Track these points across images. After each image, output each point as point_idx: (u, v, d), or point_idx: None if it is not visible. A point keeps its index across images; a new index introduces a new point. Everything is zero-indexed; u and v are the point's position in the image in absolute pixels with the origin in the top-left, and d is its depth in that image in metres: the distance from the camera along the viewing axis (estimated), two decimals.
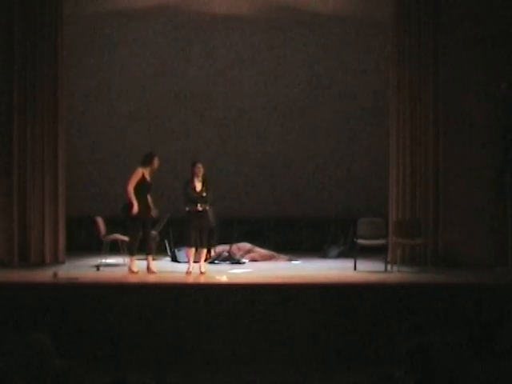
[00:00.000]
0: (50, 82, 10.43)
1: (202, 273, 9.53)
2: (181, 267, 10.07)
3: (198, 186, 9.60)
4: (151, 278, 9.28)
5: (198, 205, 9.52)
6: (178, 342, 7.94)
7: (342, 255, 11.48)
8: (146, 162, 9.64)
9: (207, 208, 9.61)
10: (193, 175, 9.63)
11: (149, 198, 9.65)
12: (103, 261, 10.29)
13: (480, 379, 4.17)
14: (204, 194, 9.57)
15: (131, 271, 9.48)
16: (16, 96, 10.33)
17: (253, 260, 11.22)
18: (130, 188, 9.45)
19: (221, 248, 11.17)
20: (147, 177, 9.60)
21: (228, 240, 11.38)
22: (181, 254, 10.79)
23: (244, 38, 12.73)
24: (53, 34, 10.44)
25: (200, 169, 9.62)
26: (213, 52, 12.75)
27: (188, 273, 9.52)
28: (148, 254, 9.63)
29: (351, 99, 12.71)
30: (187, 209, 9.55)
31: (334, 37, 12.65)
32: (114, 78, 12.65)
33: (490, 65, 10.16)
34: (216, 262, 10.84)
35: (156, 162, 9.65)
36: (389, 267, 9.76)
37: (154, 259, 9.87)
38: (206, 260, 9.95)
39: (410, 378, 3.94)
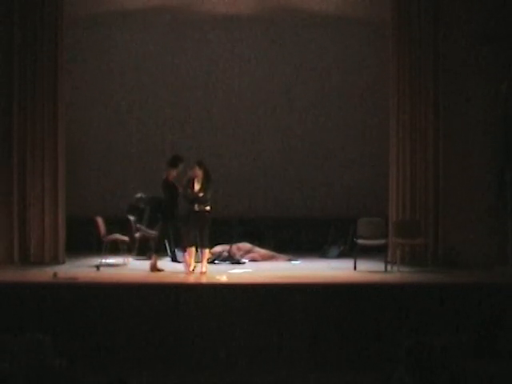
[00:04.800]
0: (49, 82, 10.43)
1: (202, 273, 9.54)
2: (181, 267, 10.07)
3: (196, 186, 9.66)
4: (151, 278, 9.27)
5: (195, 205, 9.58)
6: (178, 342, 7.94)
7: (342, 255, 11.47)
8: (174, 163, 9.90)
9: (206, 208, 9.65)
10: (193, 176, 9.70)
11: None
12: (103, 261, 10.29)
13: (480, 379, 4.17)
14: (201, 195, 9.61)
15: (156, 269, 9.65)
16: (16, 96, 10.34)
17: (253, 260, 11.21)
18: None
19: (221, 248, 11.16)
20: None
21: (228, 240, 11.38)
22: (181, 254, 10.78)
23: (244, 38, 12.72)
24: (53, 34, 10.43)
25: (197, 170, 9.66)
26: (213, 52, 12.73)
27: (188, 273, 9.53)
28: (155, 252, 9.98)
29: (351, 99, 12.70)
30: (188, 209, 9.67)
31: (334, 36, 12.64)
32: (114, 78, 12.64)
33: (490, 65, 10.16)
34: (216, 261, 10.84)
35: (180, 167, 9.92)
36: (389, 267, 9.75)
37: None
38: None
39: (409, 377, 3.94)
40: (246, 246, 11.47)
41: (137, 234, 11.32)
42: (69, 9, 10.77)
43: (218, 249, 11.05)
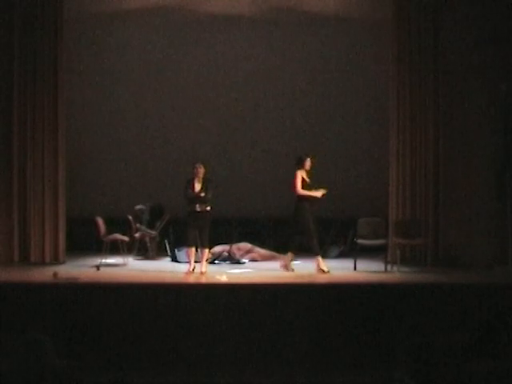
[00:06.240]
0: (50, 83, 10.44)
1: (202, 273, 9.54)
2: (181, 267, 10.08)
3: (197, 186, 9.67)
4: (151, 278, 9.26)
5: (197, 205, 9.59)
6: (178, 342, 7.94)
7: (342, 255, 11.47)
8: (299, 164, 9.97)
9: (207, 208, 9.66)
10: (193, 176, 9.71)
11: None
12: (103, 261, 10.29)
13: (480, 379, 4.17)
14: (202, 195, 9.62)
15: (322, 271, 9.60)
16: (16, 96, 10.35)
17: (253, 260, 11.21)
18: (302, 190, 9.84)
19: (221, 248, 11.16)
20: (305, 177, 9.94)
21: (228, 240, 11.38)
22: (181, 254, 10.79)
23: (244, 38, 12.71)
24: (53, 34, 10.45)
25: (200, 169, 9.70)
26: (213, 52, 12.73)
27: (188, 273, 9.54)
28: (316, 254, 9.83)
29: (351, 99, 12.69)
30: (188, 209, 9.66)
31: (334, 37, 12.63)
32: (114, 78, 12.63)
33: (489, 66, 10.17)
34: (216, 261, 10.84)
35: (308, 163, 9.97)
36: (389, 267, 9.76)
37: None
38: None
39: (410, 378, 3.94)
40: (246, 245, 11.47)
41: (137, 234, 11.32)
42: (69, 8, 10.78)
43: (217, 249, 11.05)
